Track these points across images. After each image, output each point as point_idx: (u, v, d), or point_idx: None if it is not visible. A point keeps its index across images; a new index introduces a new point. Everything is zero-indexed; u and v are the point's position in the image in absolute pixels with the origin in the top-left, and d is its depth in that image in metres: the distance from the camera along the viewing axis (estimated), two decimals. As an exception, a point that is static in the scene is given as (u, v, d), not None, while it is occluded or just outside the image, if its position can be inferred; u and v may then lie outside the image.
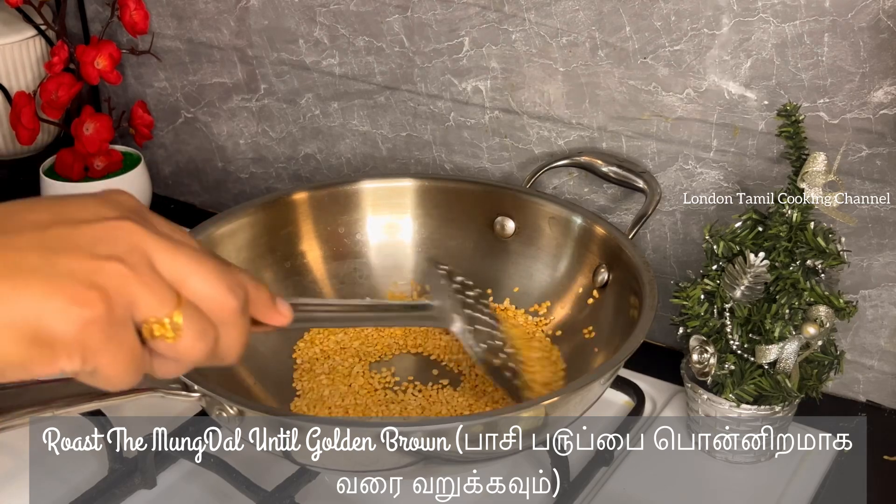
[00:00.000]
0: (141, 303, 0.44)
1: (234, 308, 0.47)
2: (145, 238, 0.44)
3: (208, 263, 0.46)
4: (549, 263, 0.86)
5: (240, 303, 0.47)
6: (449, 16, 0.91)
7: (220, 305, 0.46)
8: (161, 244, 0.45)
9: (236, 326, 0.48)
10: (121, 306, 0.43)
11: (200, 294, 0.46)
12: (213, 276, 0.46)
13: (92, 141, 1.08)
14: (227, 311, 0.47)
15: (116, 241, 0.44)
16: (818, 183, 0.72)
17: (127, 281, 0.43)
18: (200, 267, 0.46)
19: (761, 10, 0.77)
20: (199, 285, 0.46)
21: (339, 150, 1.05)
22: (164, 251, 0.45)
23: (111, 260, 0.43)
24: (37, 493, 0.75)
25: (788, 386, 0.72)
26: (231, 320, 0.47)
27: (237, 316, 0.47)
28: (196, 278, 0.45)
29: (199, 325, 0.46)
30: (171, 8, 1.08)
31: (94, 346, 0.42)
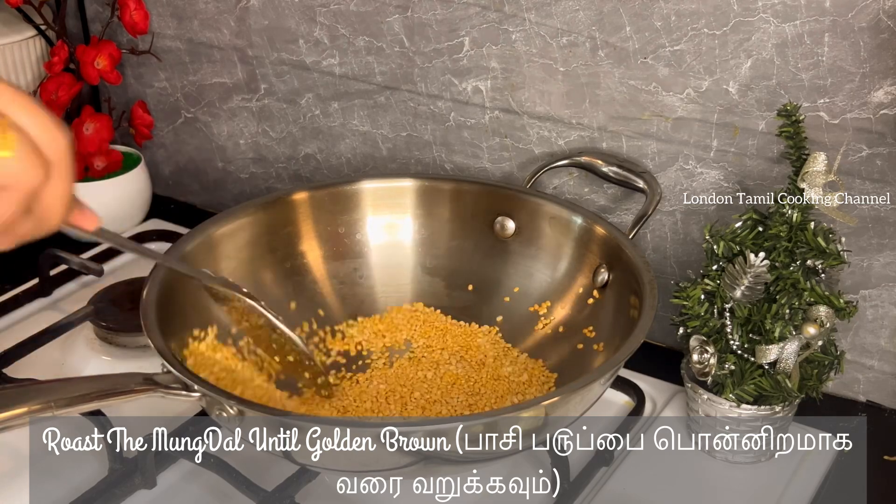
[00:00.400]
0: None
1: (63, 144, 0.45)
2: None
3: (32, 100, 0.45)
4: (549, 263, 0.86)
5: (67, 141, 0.45)
6: (449, 16, 0.91)
7: (49, 139, 0.45)
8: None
9: (64, 167, 0.46)
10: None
11: (25, 124, 0.44)
12: (37, 110, 0.45)
13: (92, 141, 1.08)
14: (57, 147, 0.45)
15: None
16: (818, 183, 0.72)
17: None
18: (23, 99, 0.44)
19: (761, 10, 0.77)
20: (22, 116, 0.44)
21: (340, 150, 1.05)
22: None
23: None
24: (37, 493, 0.75)
25: (788, 386, 0.72)
26: (60, 158, 0.45)
27: (66, 154, 0.46)
28: (18, 108, 0.44)
29: (29, 146, 0.44)
30: (171, 8, 1.08)
31: None
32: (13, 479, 0.77)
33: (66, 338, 0.91)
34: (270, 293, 0.85)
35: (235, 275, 0.83)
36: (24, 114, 0.44)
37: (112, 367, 0.88)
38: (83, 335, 0.91)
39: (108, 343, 0.90)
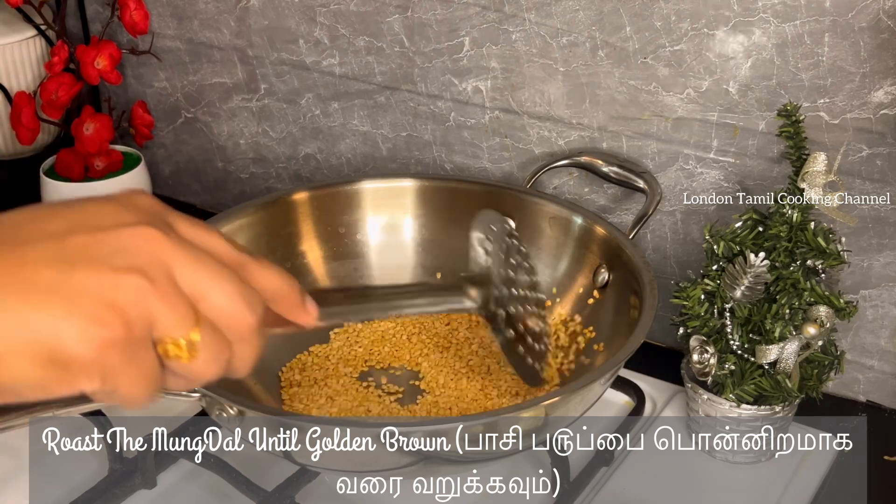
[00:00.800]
0: (160, 321, 0.42)
1: (251, 325, 0.45)
2: (166, 248, 0.42)
3: (229, 278, 0.44)
4: (549, 263, 0.86)
5: (256, 319, 0.45)
6: (449, 16, 0.91)
7: (238, 322, 0.44)
8: (182, 255, 0.43)
9: (251, 342, 0.45)
10: (140, 325, 0.41)
11: (219, 310, 0.44)
12: (233, 291, 0.44)
13: (92, 141, 1.08)
14: (244, 328, 0.45)
15: (136, 251, 0.42)
16: (818, 183, 0.72)
17: (146, 297, 0.41)
18: (221, 282, 0.44)
19: (761, 10, 0.77)
20: (218, 301, 0.43)
21: (340, 150, 1.05)
22: (186, 263, 0.43)
23: (131, 273, 0.41)
24: (37, 493, 0.75)
25: (788, 386, 0.72)
26: (246, 337, 0.45)
27: (253, 332, 0.45)
28: (216, 294, 0.43)
29: (214, 347, 0.44)
30: (171, 8, 1.08)
31: (113, 366, 0.41)
32: (13, 479, 0.77)
33: (66, 338, 0.91)
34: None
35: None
36: (219, 297, 0.44)
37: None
38: (83, 335, 0.91)
39: (108, 343, 0.90)
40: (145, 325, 0.41)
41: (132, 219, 0.42)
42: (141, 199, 0.45)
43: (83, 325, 0.40)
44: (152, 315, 0.41)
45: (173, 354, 0.43)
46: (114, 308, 0.40)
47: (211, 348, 0.43)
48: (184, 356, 0.43)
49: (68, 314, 0.40)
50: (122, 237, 0.42)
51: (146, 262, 0.41)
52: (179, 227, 0.45)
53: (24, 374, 0.40)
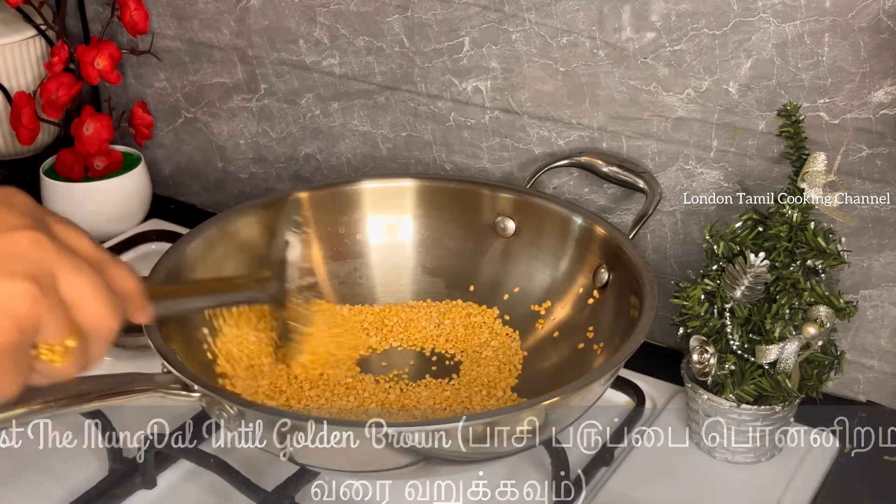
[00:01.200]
0: (45, 328, 0.45)
1: (114, 329, 0.49)
2: (52, 254, 0.45)
3: (101, 286, 0.47)
4: (549, 263, 0.86)
5: (119, 324, 0.49)
6: (449, 16, 0.91)
7: (105, 327, 0.48)
8: (65, 263, 0.46)
9: (107, 344, 0.49)
10: (29, 330, 0.44)
11: (91, 317, 0.47)
12: (105, 298, 0.47)
13: (92, 141, 1.08)
14: (108, 332, 0.48)
15: (27, 256, 0.44)
16: (818, 183, 0.72)
17: (37, 305, 0.44)
18: (96, 292, 0.47)
19: (761, 10, 0.77)
20: (92, 310, 0.47)
21: (340, 150, 1.05)
22: (68, 270, 0.46)
23: (25, 280, 0.43)
24: (37, 493, 0.75)
25: (788, 386, 0.72)
26: (107, 340, 0.49)
27: (113, 334, 0.49)
28: (91, 303, 0.47)
29: (82, 351, 0.47)
30: (171, 8, 1.08)
31: (1, 371, 0.43)
32: (13, 479, 0.77)
33: (66, 338, 0.91)
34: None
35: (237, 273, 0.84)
36: (94, 306, 0.47)
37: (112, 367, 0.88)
38: (83, 335, 0.91)
39: (108, 343, 0.90)
40: (32, 332, 0.44)
41: (18, 221, 0.45)
42: (18, 198, 0.48)
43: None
44: (40, 323, 0.44)
45: (46, 358, 0.46)
46: (11, 316, 0.43)
47: (80, 352, 0.47)
48: (57, 360, 0.46)
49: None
50: (14, 243, 0.44)
51: (37, 269, 0.44)
52: (55, 227, 0.48)
53: None
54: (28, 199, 0.48)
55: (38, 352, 0.45)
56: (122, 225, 1.11)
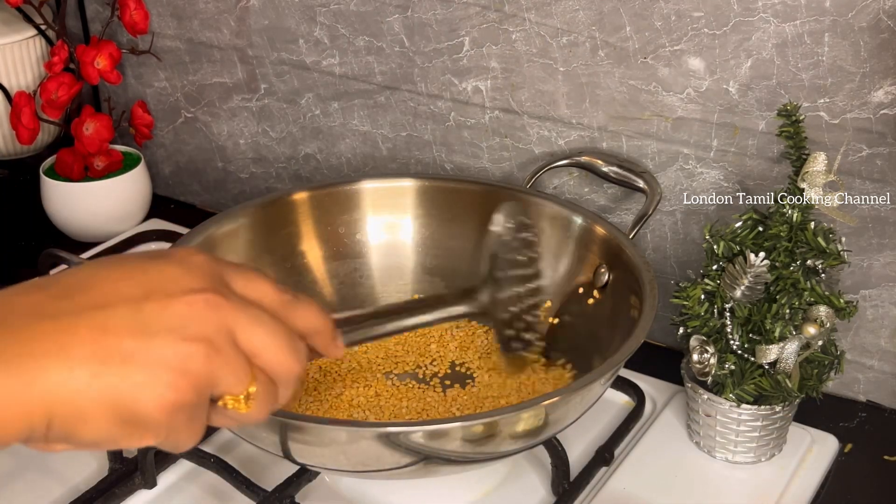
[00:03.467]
0: (223, 382, 0.47)
1: (297, 372, 0.50)
2: (228, 313, 0.47)
3: (281, 333, 0.49)
4: (549, 263, 0.86)
5: (302, 367, 0.50)
6: (449, 15, 0.91)
7: (287, 371, 0.49)
8: (242, 318, 0.48)
9: (294, 385, 0.51)
10: (205, 389, 0.46)
11: (272, 364, 0.49)
12: (285, 345, 0.49)
13: (92, 141, 1.08)
14: (291, 375, 0.50)
15: (204, 320, 0.46)
16: (818, 183, 0.72)
17: (213, 364, 0.46)
18: (275, 339, 0.49)
19: (761, 9, 0.77)
20: (272, 357, 0.49)
21: (340, 150, 1.05)
22: (246, 326, 0.48)
23: (201, 342, 0.45)
24: (37, 493, 0.75)
25: (789, 386, 0.72)
26: (292, 382, 0.50)
27: (297, 378, 0.50)
28: (271, 350, 0.48)
29: (267, 397, 0.49)
30: (171, 8, 1.09)
31: (178, 427, 0.46)
32: (13, 479, 0.77)
33: (66, 338, 0.91)
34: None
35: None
36: (274, 353, 0.49)
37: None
38: (83, 335, 0.91)
39: (108, 343, 0.90)
40: (208, 386, 0.46)
41: (196, 284, 0.47)
42: (198, 259, 0.49)
43: (159, 391, 0.44)
44: (217, 378, 0.46)
45: (232, 406, 0.48)
46: (186, 375, 0.45)
47: (264, 397, 0.49)
48: (241, 408, 0.48)
49: (147, 381, 0.44)
50: (190, 305, 0.46)
51: (213, 329, 0.46)
52: (234, 282, 0.50)
53: (101, 431, 0.44)
54: (206, 260, 0.50)
55: (224, 402, 0.48)
56: (122, 225, 1.11)
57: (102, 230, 1.10)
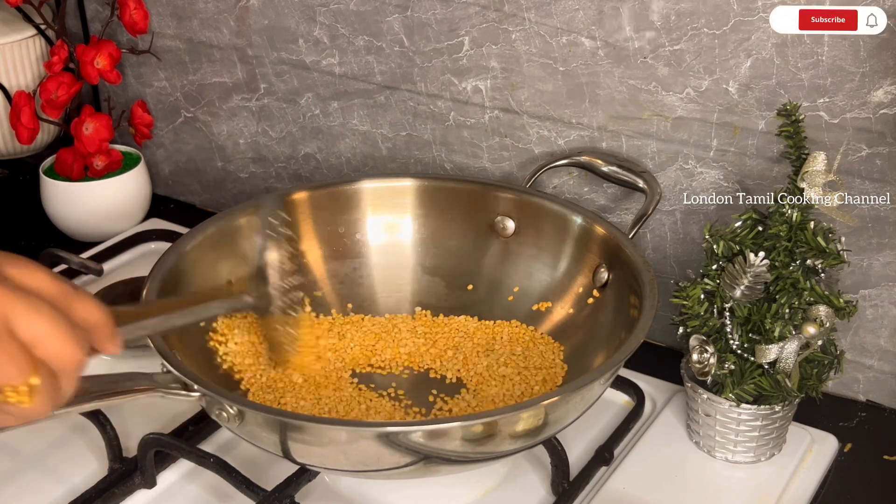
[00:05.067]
0: (1, 373, 0.45)
1: (80, 362, 0.48)
2: (4, 301, 0.45)
3: (61, 321, 0.47)
4: (549, 263, 0.86)
5: (85, 355, 0.48)
6: (449, 15, 0.91)
7: (70, 360, 0.47)
8: (20, 305, 0.46)
9: (76, 378, 0.49)
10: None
11: (54, 354, 0.47)
12: (66, 334, 0.47)
13: (92, 140, 1.08)
14: (75, 365, 0.48)
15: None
16: (818, 182, 0.72)
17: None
18: (56, 328, 0.47)
19: (761, 9, 0.77)
20: (54, 347, 0.47)
21: (339, 150, 1.05)
22: (22, 313, 0.46)
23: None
24: (37, 493, 0.75)
25: (788, 385, 0.72)
26: (76, 374, 0.48)
27: (80, 368, 0.48)
28: (52, 340, 0.46)
29: (50, 387, 0.47)
30: (171, 7, 1.08)
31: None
32: (13, 479, 0.77)
33: (65, 337, 0.91)
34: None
35: (235, 274, 0.83)
36: (54, 342, 0.47)
37: (112, 367, 0.88)
38: (83, 335, 0.91)
39: (108, 343, 0.90)
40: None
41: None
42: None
43: None
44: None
45: (14, 400, 0.45)
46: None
47: (47, 389, 0.46)
48: (25, 401, 0.46)
49: None
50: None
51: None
52: (8, 270, 0.48)
53: None
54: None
55: (4, 396, 0.45)
56: (121, 224, 1.11)
57: (102, 230, 1.10)
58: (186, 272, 0.80)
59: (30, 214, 1.15)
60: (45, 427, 0.79)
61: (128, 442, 0.77)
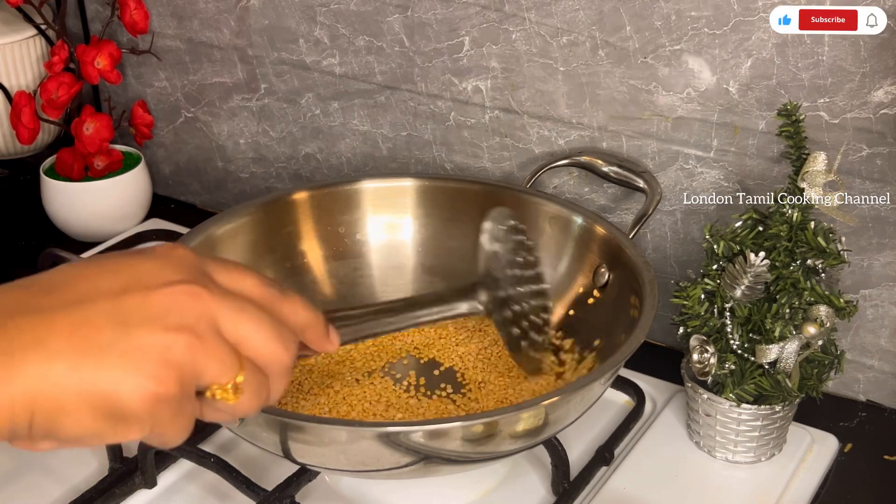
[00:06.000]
0: (207, 372, 0.45)
1: (287, 362, 0.49)
2: (209, 303, 0.46)
3: (267, 321, 0.48)
4: (549, 263, 0.86)
5: (291, 356, 0.49)
6: (449, 15, 0.91)
7: (276, 360, 0.48)
8: (225, 307, 0.46)
9: (285, 377, 0.49)
10: (190, 379, 0.45)
11: (259, 352, 0.47)
12: (272, 333, 0.48)
13: (92, 140, 1.08)
14: (281, 365, 0.49)
15: (185, 309, 0.45)
16: (818, 182, 0.72)
17: (196, 353, 0.45)
18: (261, 327, 0.47)
19: (761, 9, 0.77)
20: (259, 345, 0.47)
21: (340, 150, 1.05)
22: (229, 314, 0.46)
23: (182, 331, 0.44)
24: (37, 493, 0.75)
25: (789, 386, 0.72)
26: (283, 373, 0.49)
27: (288, 368, 0.49)
28: (257, 339, 0.47)
29: (255, 385, 0.48)
30: (172, 7, 1.08)
31: (163, 419, 0.44)
32: (13, 479, 0.77)
33: (66, 337, 0.91)
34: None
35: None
36: (260, 341, 0.47)
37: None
38: (83, 335, 0.91)
39: (109, 343, 0.90)
40: (193, 377, 0.45)
41: (176, 276, 0.46)
42: (179, 252, 0.48)
43: (140, 381, 0.43)
44: (200, 367, 0.45)
45: (220, 397, 0.47)
46: (168, 365, 0.44)
47: (253, 387, 0.47)
48: (230, 398, 0.47)
49: (127, 372, 0.43)
50: (171, 296, 0.45)
51: (194, 319, 0.45)
52: (217, 275, 0.48)
53: (84, 424, 0.43)
54: (188, 253, 0.49)
55: (212, 392, 0.46)
56: (122, 225, 1.11)
57: (102, 230, 1.10)
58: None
59: (30, 214, 1.15)
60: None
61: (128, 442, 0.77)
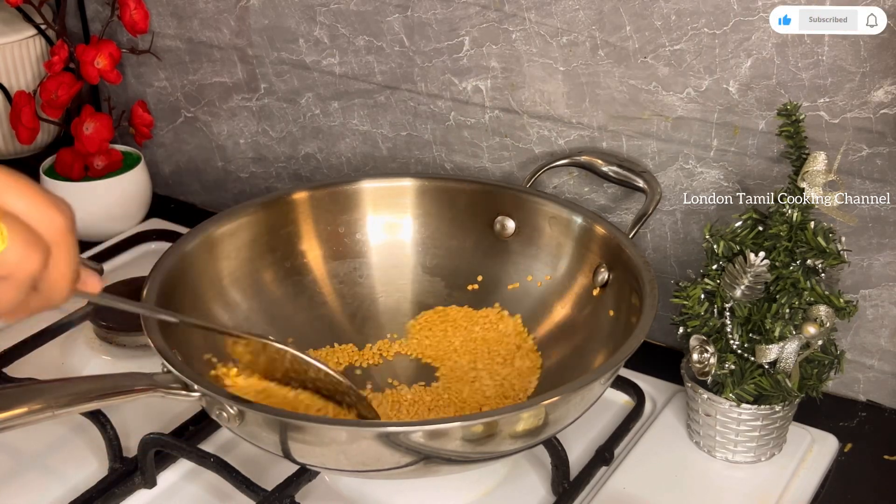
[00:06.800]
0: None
1: (62, 224, 0.45)
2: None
3: (28, 182, 0.44)
4: (549, 263, 0.86)
5: (67, 220, 0.45)
6: (449, 15, 0.91)
7: (47, 221, 0.44)
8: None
9: (65, 247, 0.45)
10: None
11: (20, 208, 0.44)
12: (32, 191, 0.44)
13: (92, 140, 1.08)
14: (55, 228, 0.45)
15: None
16: (818, 182, 0.72)
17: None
18: (17, 182, 0.44)
19: (761, 9, 0.77)
20: (16, 201, 0.44)
21: (340, 150, 1.05)
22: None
23: None
24: (37, 493, 0.75)
25: (788, 385, 0.72)
26: (59, 239, 0.45)
27: (66, 234, 0.45)
28: (12, 193, 0.44)
29: (24, 233, 0.43)
30: (171, 7, 1.08)
31: None
32: (13, 479, 0.77)
33: (66, 337, 0.91)
34: (270, 293, 0.85)
35: (235, 274, 0.84)
36: (18, 197, 0.44)
37: (112, 367, 0.88)
38: (83, 335, 0.91)
39: (108, 342, 0.90)
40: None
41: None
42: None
43: None
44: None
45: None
46: None
47: (20, 234, 0.43)
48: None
49: None
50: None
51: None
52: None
53: None
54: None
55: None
56: (121, 224, 1.11)
57: (102, 230, 1.10)
58: (187, 272, 0.80)
59: (30, 214, 1.14)
60: (45, 427, 0.78)
61: (128, 442, 0.77)
